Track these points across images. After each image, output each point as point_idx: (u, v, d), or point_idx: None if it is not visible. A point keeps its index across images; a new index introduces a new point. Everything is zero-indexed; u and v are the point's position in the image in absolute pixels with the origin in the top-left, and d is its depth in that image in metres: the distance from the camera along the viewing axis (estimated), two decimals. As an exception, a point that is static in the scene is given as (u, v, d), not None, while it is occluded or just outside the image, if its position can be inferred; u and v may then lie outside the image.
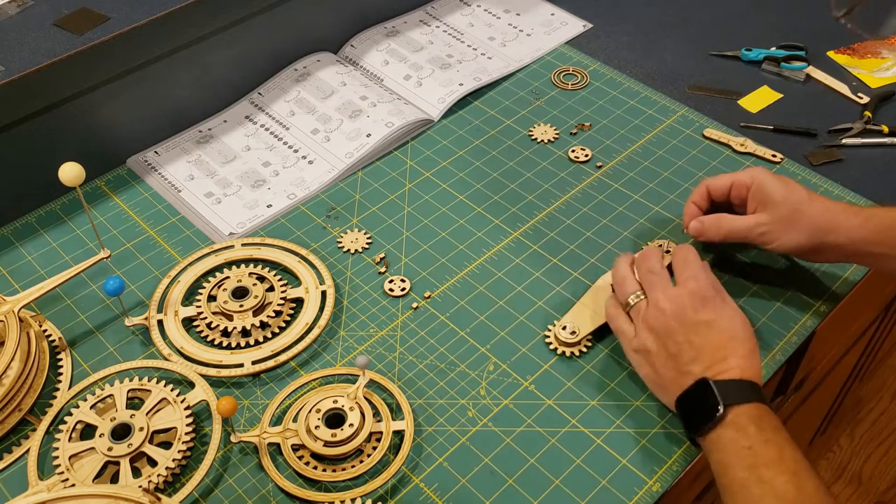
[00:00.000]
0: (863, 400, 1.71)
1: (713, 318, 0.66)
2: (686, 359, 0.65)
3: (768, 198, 0.73)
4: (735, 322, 0.66)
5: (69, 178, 0.65)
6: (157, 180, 0.90)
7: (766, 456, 0.58)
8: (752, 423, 0.60)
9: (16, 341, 0.68)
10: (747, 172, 0.75)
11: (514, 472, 0.66)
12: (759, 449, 0.59)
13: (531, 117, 0.96)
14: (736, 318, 0.67)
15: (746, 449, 0.59)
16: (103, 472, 0.65)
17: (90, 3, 0.86)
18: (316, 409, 0.67)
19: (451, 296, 0.78)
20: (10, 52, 0.80)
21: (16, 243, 0.83)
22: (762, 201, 0.73)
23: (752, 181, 0.74)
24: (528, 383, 0.71)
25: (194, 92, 0.93)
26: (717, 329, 0.65)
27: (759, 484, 0.57)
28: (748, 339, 0.66)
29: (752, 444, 0.59)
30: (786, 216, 0.72)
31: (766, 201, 0.73)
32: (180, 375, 0.72)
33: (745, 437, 0.60)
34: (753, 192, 0.74)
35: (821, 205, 0.72)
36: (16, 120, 0.80)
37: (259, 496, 0.65)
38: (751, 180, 0.74)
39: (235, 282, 0.77)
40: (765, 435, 0.59)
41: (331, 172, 0.90)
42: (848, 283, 0.78)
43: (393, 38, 1.06)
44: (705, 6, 1.12)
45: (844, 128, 0.93)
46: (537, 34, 1.08)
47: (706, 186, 0.77)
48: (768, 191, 0.73)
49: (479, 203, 0.87)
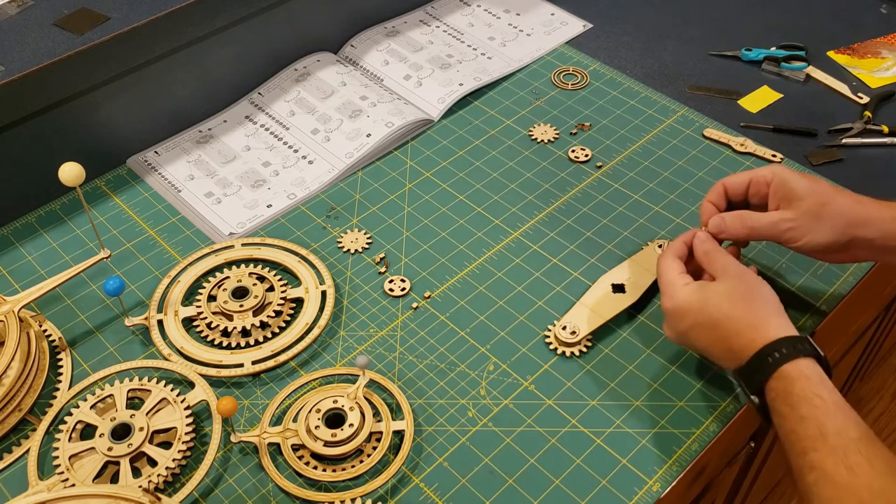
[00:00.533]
0: (863, 400, 1.71)
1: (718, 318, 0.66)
2: (716, 352, 0.66)
3: (792, 193, 0.68)
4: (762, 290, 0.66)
5: (69, 178, 0.65)
6: (157, 180, 0.90)
7: (808, 437, 0.57)
8: (782, 403, 0.59)
9: (16, 341, 0.68)
10: (767, 168, 0.70)
11: (514, 472, 0.66)
12: (799, 430, 0.58)
13: (531, 117, 0.96)
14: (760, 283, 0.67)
15: (791, 433, 0.58)
16: (103, 472, 0.65)
17: (90, 3, 0.86)
18: (316, 409, 0.67)
19: (451, 296, 0.78)
20: (10, 52, 0.80)
21: (16, 243, 0.84)
22: (785, 196, 0.69)
23: (772, 176, 0.69)
24: (528, 383, 0.71)
25: (194, 92, 0.94)
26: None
27: (811, 471, 0.56)
28: (770, 297, 0.66)
29: (793, 427, 0.58)
30: (813, 210, 0.67)
31: (789, 196, 0.68)
32: (180, 375, 0.72)
33: (784, 419, 0.59)
34: (775, 187, 0.69)
35: (849, 197, 0.68)
36: (16, 120, 0.80)
37: (259, 496, 0.65)
38: (771, 175, 0.70)
39: (235, 282, 0.77)
40: (799, 412, 0.58)
41: (331, 172, 0.90)
42: (848, 283, 0.78)
43: (393, 38, 1.06)
44: (705, 6, 1.12)
45: (844, 128, 0.93)
46: (537, 34, 1.08)
47: (723, 185, 0.72)
48: (791, 186, 0.68)
49: (479, 203, 0.87)
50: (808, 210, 0.68)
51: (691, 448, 0.67)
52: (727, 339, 0.64)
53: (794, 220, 0.68)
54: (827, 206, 0.67)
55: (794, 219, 0.68)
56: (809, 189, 0.68)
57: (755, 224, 0.70)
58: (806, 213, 0.68)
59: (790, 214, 0.68)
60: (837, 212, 0.67)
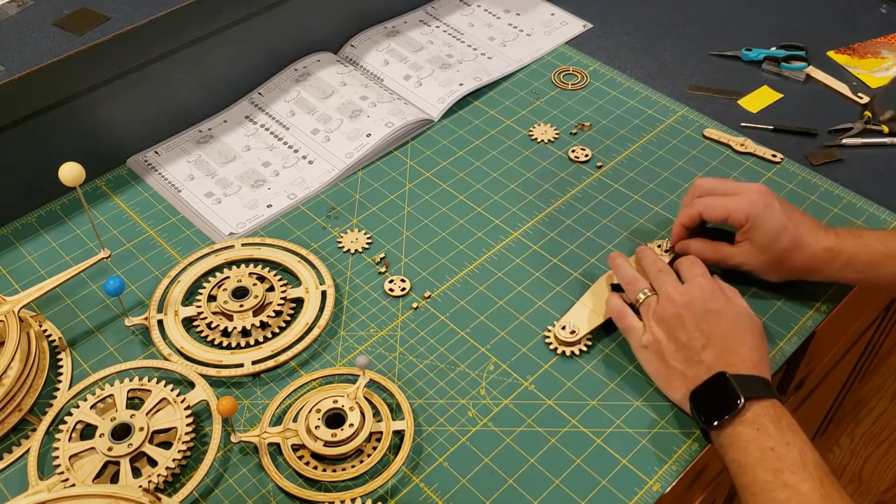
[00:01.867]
0: (863, 400, 1.71)
1: (722, 308, 0.68)
2: (696, 347, 0.66)
3: (757, 242, 0.73)
4: (743, 315, 0.68)
5: (69, 178, 0.65)
6: (157, 180, 0.90)
7: (788, 459, 0.59)
8: (771, 423, 0.60)
9: (16, 341, 0.68)
10: (743, 208, 0.73)
11: (514, 472, 0.66)
12: (781, 451, 0.59)
13: (531, 117, 0.96)
14: (743, 311, 0.69)
15: (769, 450, 0.59)
16: (103, 472, 0.65)
17: (90, 3, 0.86)
18: (316, 409, 0.67)
19: (451, 296, 0.78)
20: (10, 52, 0.80)
21: (16, 243, 0.84)
22: (752, 240, 0.73)
23: (747, 220, 0.72)
24: (528, 383, 0.71)
25: (194, 92, 0.94)
26: (726, 319, 0.67)
27: (784, 489, 0.58)
28: (756, 332, 0.67)
29: (773, 446, 0.59)
30: (771, 262, 0.73)
31: (755, 242, 0.73)
32: (180, 375, 0.72)
33: (766, 437, 0.60)
34: (746, 230, 0.73)
35: (807, 254, 0.72)
36: (16, 120, 0.80)
37: (259, 496, 0.65)
38: (746, 219, 0.72)
39: (235, 282, 0.77)
40: (785, 437, 0.60)
41: (331, 172, 0.90)
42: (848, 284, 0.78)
43: (393, 38, 1.06)
44: (705, 6, 1.12)
45: (844, 128, 0.93)
46: (537, 34, 1.08)
47: (699, 213, 0.75)
48: (758, 237, 0.72)
49: (479, 203, 0.87)
50: (767, 261, 0.73)
51: (691, 448, 0.67)
52: (737, 350, 0.66)
53: (753, 265, 0.74)
54: (783, 261, 0.73)
55: (753, 264, 0.74)
56: (772, 242, 0.72)
57: (719, 257, 0.75)
58: (764, 263, 0.74)
59: (750, 259, 0.74)
60: (791, 266, 0.73)
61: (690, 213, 0.76)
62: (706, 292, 0.68)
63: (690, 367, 0.66)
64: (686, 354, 0.66)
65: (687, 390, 0.66)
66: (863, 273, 0.72)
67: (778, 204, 0.72)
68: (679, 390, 0.66)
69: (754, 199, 0.72)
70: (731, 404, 0.62)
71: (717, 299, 0.68)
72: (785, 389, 0.95)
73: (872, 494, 1.58)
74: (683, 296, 0.68)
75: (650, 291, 0.71)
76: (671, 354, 0.67)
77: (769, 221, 0.72)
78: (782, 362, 0.72)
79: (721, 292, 0.69)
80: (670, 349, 0.67)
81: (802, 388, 1.05)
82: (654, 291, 0.71)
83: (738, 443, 0.61)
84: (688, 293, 0.69)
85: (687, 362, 0.66)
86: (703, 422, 0.64)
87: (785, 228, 0.72)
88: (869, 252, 0.71)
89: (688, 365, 0.66)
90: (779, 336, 0.74)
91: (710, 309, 0.67)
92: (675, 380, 0.67)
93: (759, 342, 0.67)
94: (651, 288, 0.71)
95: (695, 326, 0.67)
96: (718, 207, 0.74)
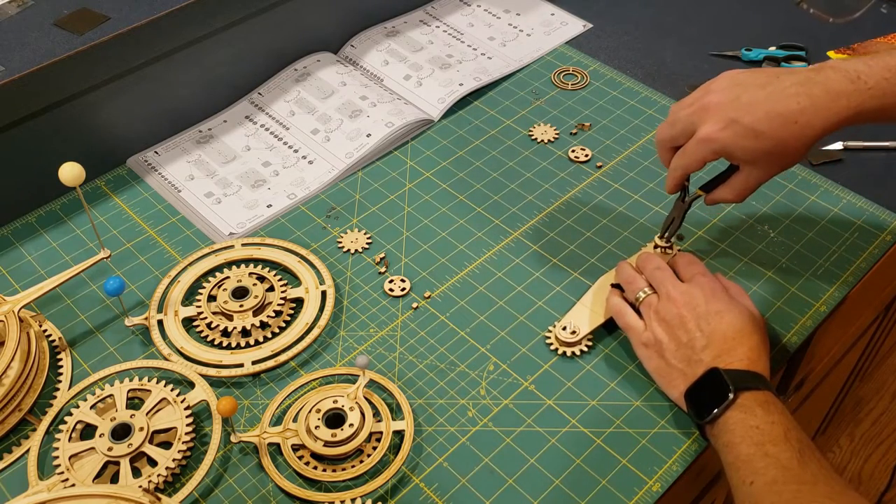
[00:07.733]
0: (863, 400, 1.71)
1: (723, 308, 0.68)
2: (697, 347, 0.66)
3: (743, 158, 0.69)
4: (744, 315, 0.68)
5: (69, 178, 0.65)
6: (157, 180, 0.90)
7: (772, 434, 0.59)
8: (759, 406, 0.61)
9: (16, 341, 0.68)
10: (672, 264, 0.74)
11: (514, 472, 0.66)
12: (765, 428, 0.60)
13: (531, 117, 0.96)
14: (745, 312, 0.68)
15: (753, 428, 0.60)
16: (103, 472, 0.65)
17: (90, 3, 0.86)
18: (316, 409, 0.67)
19: (451, 296, 0.78)
20: (10, 52, 0.80)
21: (16, 243, 0.84)
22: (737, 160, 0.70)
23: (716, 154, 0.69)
24: (528, 383, 0.71)
25: (194, 92, 0.94)
26: (727, 319, 0.67)
27: (763, 457, 0.58)
28: (757, 332, 0.67)
29: (758, 424, 0.60)
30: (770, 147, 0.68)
31: (741, 159, 0.69)
32: (180, 375, 0.72)
33: (752, 417, 0.61)
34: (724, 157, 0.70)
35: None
36: (16, 120, 0.80)
37: (259, 496, 0.65)
38: (714, 154, 0.68)
39: (235, 282, 0.77)
40: (771, 417, 0.60)
41: (331, 172, 0.90)
42: (848, 284, 0.78)
43: (393, 38, 1.06)
44: (705, 6, 1.12)
45: (844, 128, 0.93)
46: (537, 34, 1.08)
47: (683, 175, 0.72)
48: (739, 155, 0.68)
49: (479, 203, 0.87)
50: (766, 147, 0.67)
51: (691, 448, 0.67)
52: (735, 349, 0.66)
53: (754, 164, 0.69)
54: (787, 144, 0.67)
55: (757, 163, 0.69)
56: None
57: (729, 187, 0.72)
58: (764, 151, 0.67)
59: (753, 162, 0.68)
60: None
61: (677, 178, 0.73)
62: (708, 292, 0.69)
63: (690, 366, 0.66)
64: (686, 353, 0.67)
65: (685, 388, 0.66)
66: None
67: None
68: (678, 388, 0.67)
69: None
70: (722, 397, 0.62)
71: (720, 299, 0.68)
72: (785, 389, 0.95)
73: (872, 494, 1.58)
74: (685, 295, 0.69)
75: (649, 290, 0.71)
76: (672, 353, 0.67)
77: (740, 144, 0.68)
78: (782, 362, 0.73)
79: (723, 291, 0.70)
80: (671, 348, 0.68)
81: (802, 388, 1.05)
82: (653, 290, 0.71)
83: (726, 428, 0.61)
84: (689, 293, 0.69)
85: (687, 361, 0.66)
86: (696, 416, 0.64)
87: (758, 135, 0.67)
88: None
89: (688, 364, 0.66)
90: (779, 336, 0.74)
91: (711, 309, 0.67)
92: (674, 377, 0.67)
93: (760, 341, 0.67)
94: (650, 286, 0.72)
95: (696, 326, 0.67)
96: (691, 159, 0.70)
